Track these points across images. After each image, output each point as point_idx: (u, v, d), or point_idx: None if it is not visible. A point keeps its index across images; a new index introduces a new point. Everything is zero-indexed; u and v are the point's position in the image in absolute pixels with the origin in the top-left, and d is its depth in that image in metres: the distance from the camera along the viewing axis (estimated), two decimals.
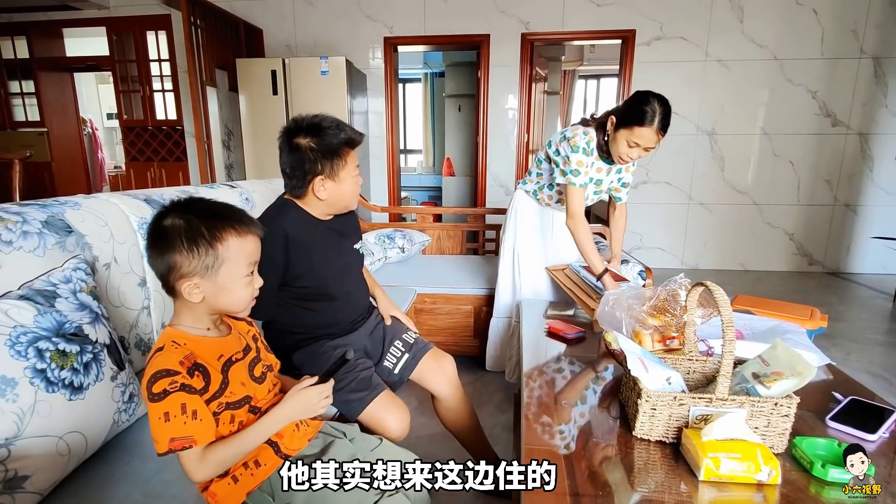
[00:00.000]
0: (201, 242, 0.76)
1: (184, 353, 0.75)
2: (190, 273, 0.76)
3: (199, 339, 0.80)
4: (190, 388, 0.73)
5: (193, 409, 0.72)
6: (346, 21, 4.30)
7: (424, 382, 1.39)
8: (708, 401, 0.81)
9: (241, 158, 3.97)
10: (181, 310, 0.81)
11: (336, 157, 1.18)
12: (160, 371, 0.71)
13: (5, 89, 4.84)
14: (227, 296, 0.80)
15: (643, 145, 1.51)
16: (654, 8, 3.98)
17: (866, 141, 4.04)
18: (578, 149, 1.63)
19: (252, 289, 0.84)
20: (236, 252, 0.79)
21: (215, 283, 0.78)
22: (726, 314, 0.78)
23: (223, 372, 0.80)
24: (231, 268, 0.79)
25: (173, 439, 0.70)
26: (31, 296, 0.84)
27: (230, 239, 0.78)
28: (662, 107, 1.48)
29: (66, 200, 1.11)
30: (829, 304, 3.35)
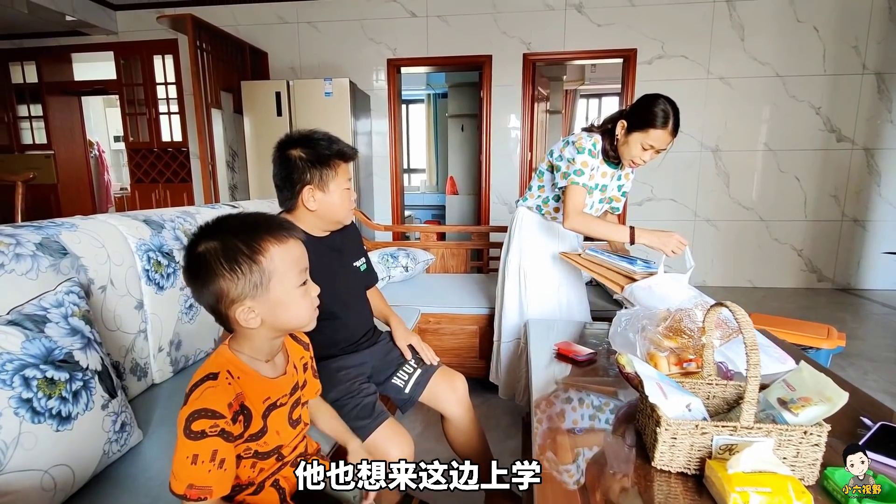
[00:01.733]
0: (242, 260, 0.70)
1: (235, 391, 0.71)
2: (240, 296, 0.71)
3: (253, 374, 0.75)
4: (228, 436, 0.68)
5: (222, 458, 0.67)
6: (349, 44, 4.36)
7: (434, 402, 1.34)
8: (732, 429, 0.76)
9: (246, 179, 3.98)
10: (240, 338, 0.76)
11: (325, 167, 1.17)
12: (206, 410, 0.66)
13: (14, 113, 4.90)
14: (286, 312, 0.74)
15: (657, 147, 1.52)
16: (655, 27, 4.01)
17: (872, 156, 4.01)
18: (584, 150, 1.61)
19: (311, 298, 0.77)
20: (281, 261, 0.72)
21: (269, 301, 0.72)
22: (749, 336, 0.74)
23: (264, 417, 0.75)
24: (281, 279, 0.72)
25: (192, 486, 0.66)
26: (19, 321, 0.80)
27: (271, 248, 0.72)
28: (673, 108, 1.50)
29: (62, 222, 1.09)
30: (842, 322, 3.27)
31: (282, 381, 0.80)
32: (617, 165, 1.68)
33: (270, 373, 0.79)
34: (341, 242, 1.31)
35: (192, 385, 0.71)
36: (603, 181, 1.71)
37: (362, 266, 1.38)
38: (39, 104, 4.84)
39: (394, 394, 1.32)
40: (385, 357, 1.36)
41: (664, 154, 1.59)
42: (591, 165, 1.62)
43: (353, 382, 1.20)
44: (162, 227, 1.32)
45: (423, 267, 2.64)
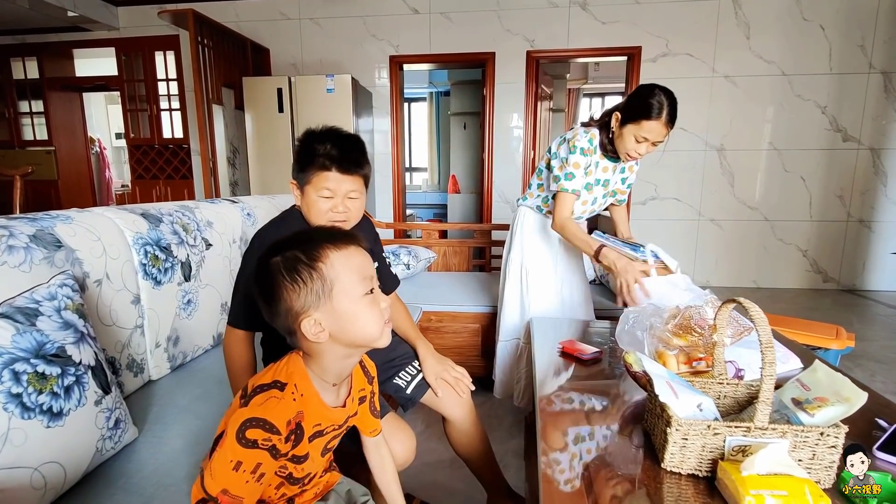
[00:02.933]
0: (302, 268, 0.68)
1: (296, 410, 0.69)
2: (304, 308, 0.69)
3: (314, 397, 0.73)
4: (276, 453, 0.67)
5: (262, 473, 0.66)
6: (351, 40, 4.33)
7: (436, 403, 1.31)
8: (746, 430, 0.73)
9: (246, 176, 3.96)
10: (311, 355, 0.74)
11: (305, 168, 1.09)
12: (266, 422, 0.65)
13: (15, 109, 4.90)
14: (353, 323, 0.71)
15: (651, 139, 1.47)
16: (660, 25, 3.98)
17: (878, 156, 3.98)
18: (577, 149, 1.58)
19: (379, 310, 0.73)
20: (342, 267, 0.70)
21: (334, 312, 0.69)
22: (765, 334, 0.71)
23: (309, 440, 0.74)
24: (344, 287, 0.69)
25: (226, 492, 0.64)
26: (10, 314, 0.78)
27: (330, 254, 0.70)
28: (669, 99, 1.44)
29: (57, 214, 1.06)
30: (849, 323, 3.23)
31: (338, 412, 0.78)
32: (617, 159, 1.65)
33: (331, 400, 0.76)
34: None
35: (256, 385, 0.70)
36: (604, 175, 1.68)
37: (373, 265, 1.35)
38: (41, 100, 4.83)
39: (394, 392, 1.30)
40: (387, 355, 1.33)
41: (662, 147, 1.55)
42: (584, 164, 1.60)
43: None
44: (160, 221, 1.30)
45: (425, 265, 2.61)
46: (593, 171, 1.65)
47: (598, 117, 1.67)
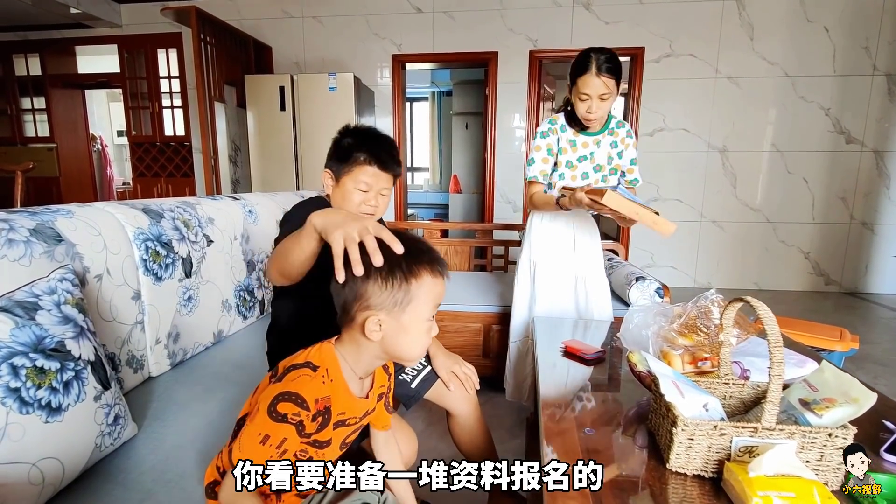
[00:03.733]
0: (398, 275, 0.71)
1: (326, 392, 0.72)
2: (377, 306, 0.71)
3: (343, 385, 0.75)
4: (302, 430, 0.69)
5: (285, 449, 0.68)
6: (354, 39, 4.33)
7: (441, 399, 1.30)
8: (753, 430, 0.72)
9: (248, 174, 3.96)
10: (348, 343, 0.76)
11: (345, 161, 1.14)
12: (297, 396, 0.68)
13: (17, 105, 4.89)
14: (406, 338, 0.74)
15: (590, 93, 1.51)
16: (663, 26, 3.97)
17: (882, 158, 3.96)
18: (537, 135, 1.67)
19: (429, 338, 0.77)
20: (427, 292, 0.73)
21: (399, 322, 0.72)
22: (773, 333, 0.70)
23: (334, 428, 0.75)
24: (416, 307, 0.73)
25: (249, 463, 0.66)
26: (9, 307, 0.77)
27: (425, 276, 0.73)
28: (596, 52, 1.50)
29: (58, 208, 1.05)
30: (851, 326, 3.20)
31: (361, 403, 0.80)
32: (598, 132, 1.67)
33: (357, 391, 0.78)
34: None
35: (288, 365, 0.73)
36: (586, 150, 1.68)
37: None
38: (43, 97, 4.83)
39: (399, 390, 1.29)
40: None
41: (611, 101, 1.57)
42: (545, 146, 1.68)
43: None
44: (161, 217, 1.29)
45: None
46: (568, 150, 1.68)
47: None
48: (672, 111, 4.10)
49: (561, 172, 1.70)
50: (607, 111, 1.58)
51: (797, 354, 1.15)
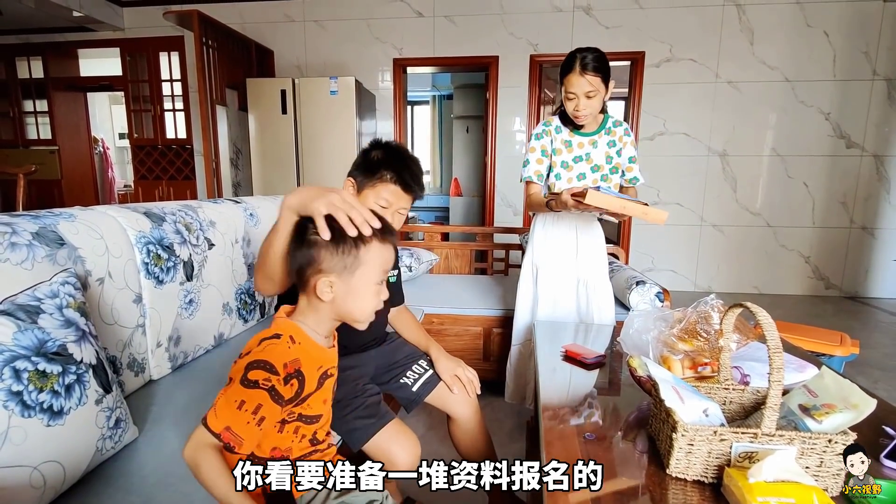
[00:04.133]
0: (348, 241, 0.77)
1: (294, 355, 0.76)
2: (328, 269, 0.77)
3: (311, 342, 0.80)
4: (276, 395, 0.72)
5: (263, 416, 0.71)
6: (355, 43, 4.34)
7: (443, 402, 1.30)
8: (753, 436, 0.72)
9: (249, 177, 3.96)
10: (306, 309, 0.81)
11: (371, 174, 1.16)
12: (264, 362, 0.71)
13: (19, 108, 4.91)
14: (355, 300, 0.80)
15: (576, 92, 1.53)
16: (663, 30, 3.99)
17: (882, 163, 3.97)
18: (532, 137, 1.71)
19: (378, 300, 0.82)
20: (375, 256, 0.79)
21: (348, 285, 0.78)
22: (773, 339, 0.70)
23: (318, 383, 0.80)
24: (366, 272, 0.79)
25: (229, 429, 0.69)
26: (12, 311, 0.78)
27: (373, 243, 0.79)
28: (581, 51, 1.52)
29: (60, 212, 1.06)
30: (851, 330, 3.20)
31: (332, 353, 0.85)
32: (595, 132, 1.68)
33: (325, 343, 0.84)
34: None
35: (254, 342, 0.76)
36: (582, 151, 1.69)
37: (392, 278, 1.36)
38: (45, 100, 4.84)
39: (400, 393, 1.29)
40: (391, 357, 1.33)
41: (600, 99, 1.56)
42: (539, 147, 1.69)
43: (356, 383, 1.17)
44: (163, 220, 1.30)
45: (427, 267, 2.61)
46: (563, 150, 1.68)
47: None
48: (672, 115, 4.11)
49: (557, 173, 1.70)
50: (596, 108, 1.58)
51: (797, 359, 1.15)
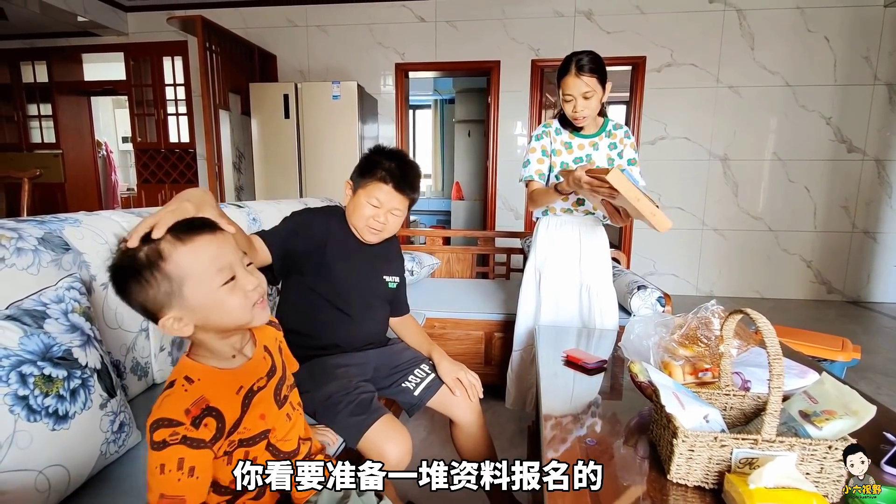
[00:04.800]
0: (143, 270, 0.64)
1: (194, 396, 0.67)
2: (159, 307, 0.66)
3: (216, 372, 0.72)
4: (192, 442, 0.66)
5: (191, 466, 0.65)
6: (358, 48, 4.37)
7: (445, 406, 1.31)
8: (753, 442, 0.73)
9: (251, 181, 3.98)
10: (194, 344, 0.73)
11: (365, 175, 1.22)
12: (163, 420, 0.65)
13: (24, 112, 4.94)
14: (215, 314, 0.68)
15: (573, 93, 1.55)
16: (664, 35, 4.00)
17: (884, 167, 3.97)
18: (532, 138, 1.72)
19: (243, 293, 0.69)
20: (190, 263, 0.66)
21: (190, 307, 0.66)
22: (773, 345, 0.70)
23: (243, 406, 0.73)
24: (197, 283, 0.66)
25: (163, 496, 0.65)
26: (18, 316, 0.78)
27: (173, 252, 0.65)
28: (579, 53, 1.54)
29: (65, 217, 1.07)
30: (853, 335, 3.21)
31: (250, 366, 0.77)
32: (595, 134, 1.69)
33: (239, 361, 0.76)
34: (381, 252, 1.34)
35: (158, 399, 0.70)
36: (582, 152, 1.69)
37: (392, 283, 1.37)
38: (49, 103, 4.88)
39: (402, 397, 1.30)
40: (392, 360, 1.34)
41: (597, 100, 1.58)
42: (539, 148, 1.70)
43: (350, 380, 1.18)
44: None
45: (429, 271, 2.61)
46: (563, 152, 1.69)
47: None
48: (673, 120, 4.12)
49: (557, 174, 1.70)
50: (595, 109, 1.60)
51: (798, 365, 1.15)
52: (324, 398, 1.13)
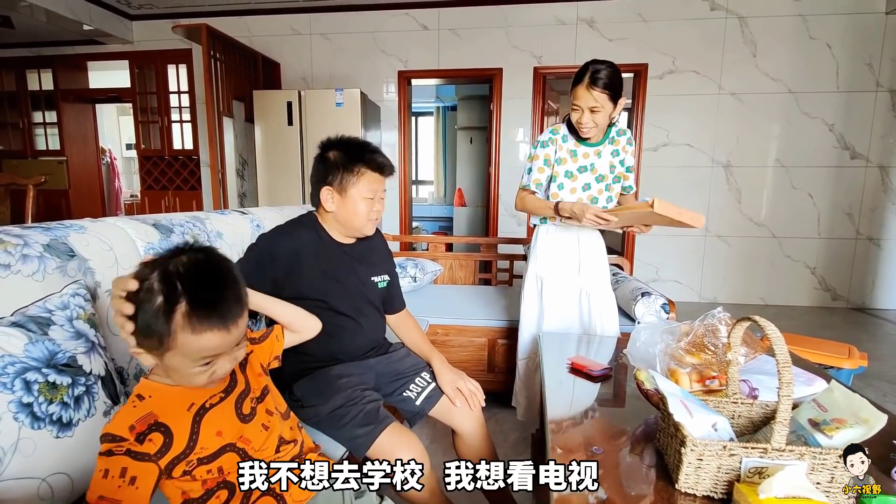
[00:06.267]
0: (151, 331, 0.66)
1: (140, 413, 0.69)
2: (140, 343, 0.68)
3: (167, 389, 0.73)
4: (137, 455, 0.67)
5: (133, 476, 0.67)
6: (361, 55, 4.39)
7: (447, 416, 1.29)
8: (763, 451, 0.72)
9: (255, 187, 3.99)
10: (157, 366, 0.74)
11: (347, 171, 1.18)
12: (107, 435, 0.68)
13: (29, 119, 4.97)
14: (175, 375, 0.72)
15: (581, 105, 1.53)
16: (666, 43, 4.01)
17: (887, 174, 3.96)
18: (537, 143, 1.68)
19: (209, 374, 0.71)
20: (186, 347, 0.67)
21: (161, 363, 0.70)
22: (781, 353, 0.70)
23: (193, 424, 0.73)
24: (179, 359, 0.68)
25: (102, 497, 0.65)
26: (23, 322, 0.78)
27: (179, 334, 0.66)
28: (597, 64, 1.51)
29: (71, 224, 1.07)
30: (859, 342, 3.18)
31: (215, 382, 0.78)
32: (600, 142, 1.68)
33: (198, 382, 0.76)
34: (364, 253, 1.30)
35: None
36: (587, 161, 1.68)
37: (381, 283, 1.34)
38: (54, 111, 4.91)
39: (404, 406, 1.29)
40: (394, 368, 1.33)
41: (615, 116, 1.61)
42: (542, 156, 1.68)
43: (354, 390, 1.17)
44: (171, 232, 1.31)
45: (432, 278, 2.61)
46: (568, 160, 1.67)
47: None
48: (676, 127, 4.12)
49: (560, 183, 1.68)
50: (602, 124, 1.58)
51: (806, 373, 1.14)
52: (329, 410, 1.12)
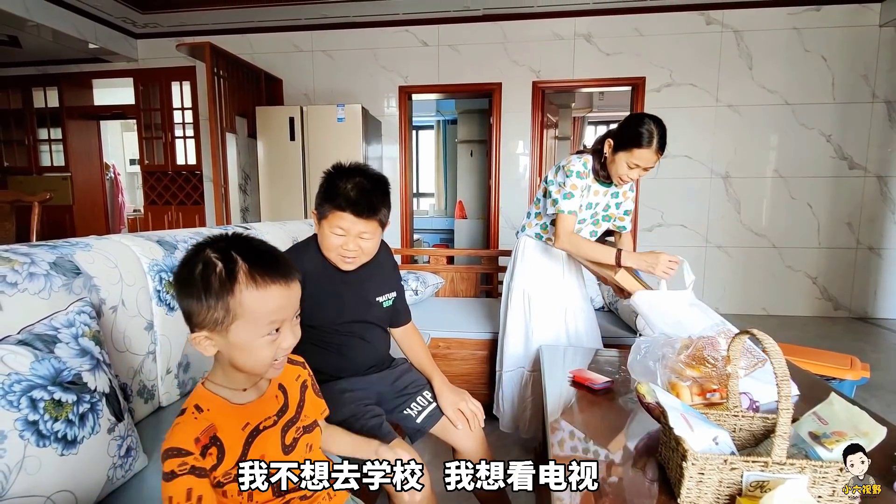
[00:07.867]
0: (211, 290, 0.66)
1: (203, 425, 0.69)
2: (201, 324, 0.68)
3: (225, 404, 0.73)
4: (200, 472, 0.66)
5: (199, 495, 0.66)
6: (362, 71, 4.45)
7: (447, 435, 1.29)
8: (764, 465, 0.72)
9: (257, 202, 4.02)
10: (216, 366, 0.75)
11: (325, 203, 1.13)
12: (172, 449, 0.66)
13: (34, 136, 5.03)
14: (242, 356, 0.70)
15: (643, 166, 1.54)
16: (663, 56, 4.07)
17: (885, 183, 3.98)
18: (573, 173, 1.65)
19: (275, 348, 0.71)
20: (253, 307, 0.67)
21: (227, 340, 0.69)
22: (780, 366, 0.70)
23: (246, 444, 0.72)
24: (246, 325, 0.68)
25: None
26: (29, 340, 0.79)
27: (243, 291, 0.66)
28: (659, 128, 1.52)
29: (77, 241, 1.09)
30: (862, 352, 3.17)
31: (260, 403, 0.77)
32: (609, 184, 1.70)
33: (247, 398, 0.76)
34: (366, 275, 1.27)
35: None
36: (594, 199, 1.73)
37: (386, 302, 1.33)
38: (59, 128, 4.96)
39: (405, 423, 1.29)
40: (395, 384, 1.33)
41: (654, 173, 1.64)
42: (581, 186, 1.66)
43: (358, 404, 1.17)
44: (175, 248, 1.32)
45: (433, 290, 2.62)
46: (586, 195, 1.70)
47: (591, 144, 1.75)
48: (674, 138, 4.11)
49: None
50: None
51: None
52: (334, 423, 1.12)
